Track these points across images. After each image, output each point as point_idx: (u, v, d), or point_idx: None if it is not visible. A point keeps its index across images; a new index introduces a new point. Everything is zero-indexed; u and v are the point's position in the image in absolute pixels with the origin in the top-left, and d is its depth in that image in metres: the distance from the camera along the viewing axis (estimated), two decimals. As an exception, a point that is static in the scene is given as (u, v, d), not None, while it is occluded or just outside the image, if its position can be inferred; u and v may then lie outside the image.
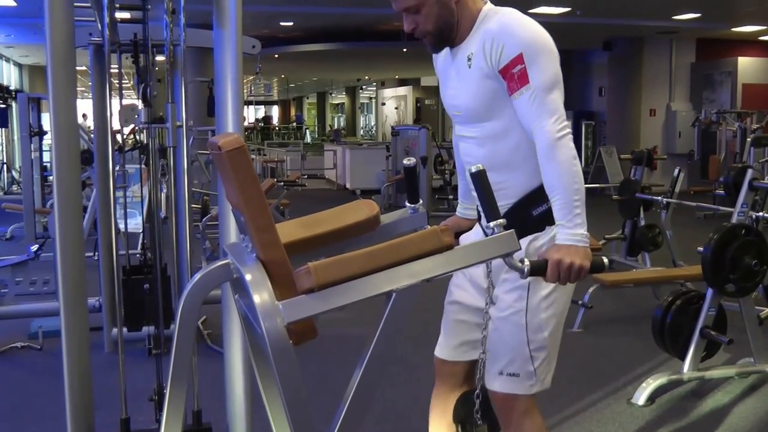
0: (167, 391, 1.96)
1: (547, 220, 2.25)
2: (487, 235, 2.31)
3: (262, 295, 1.73)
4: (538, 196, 2.24)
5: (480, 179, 1.94)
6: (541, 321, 2.29)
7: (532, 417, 2.38)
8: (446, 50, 2.39)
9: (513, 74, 2.13)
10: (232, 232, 2.56)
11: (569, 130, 2.16)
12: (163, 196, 5.96)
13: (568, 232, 2.09)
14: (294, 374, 1.74)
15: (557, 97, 2.16)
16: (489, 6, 2.29)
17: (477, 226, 2.54)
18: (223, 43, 2.60)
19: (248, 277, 1.77)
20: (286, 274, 1.80)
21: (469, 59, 2.24)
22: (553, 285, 2.24)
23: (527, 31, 2.17)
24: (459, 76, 2.30)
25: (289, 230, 2.04)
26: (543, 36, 2.18)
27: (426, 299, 2.01)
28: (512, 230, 1.95)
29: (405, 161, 2.47)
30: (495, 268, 2.29)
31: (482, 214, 2.40)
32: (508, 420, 2.39)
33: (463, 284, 2.51)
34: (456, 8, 2.25)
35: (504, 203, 2.25)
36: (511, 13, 2.22)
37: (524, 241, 2.24)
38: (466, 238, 2.54)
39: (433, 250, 1.86)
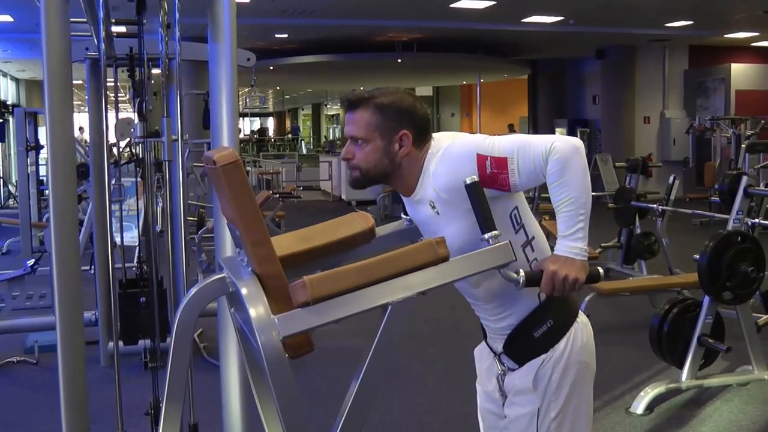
0: (163, 405, 1.95)
1: (550, 340, 2.21)
2: (501, 362, 2.32)
3: (257, 309, 1.73)
4: (538, 316, 2.20)
5: (475, 190, 1.94)
6: None
7: None
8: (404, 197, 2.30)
9: (492, 172, 2.04)
10: (227, 246, 2.56)
11: (580, 144, 2.08)
12: (159, 209, 5.96)
13: (568, 244, 2.07)
14: (290, 387, 1.74)
15: (534, 137, 2.09)
16: (432, 147, 2.18)
17: (486, 351, 2.45)
18: (217, 56, 2.61)
19: (244, 291, 1.77)
20: (282, 287, 1.80)
21: (433, 207, 2.15)
22: (562, 404, 2.23)
23: (462, 141, 2.11)
24: (433, 222, 2.19)
25: (285, 243, 2.04)
26: (471, 135, 2.15)
27: (422, 311, 2.01)
28: (508, 241, 1.95)
29: (400, 173, 2.45)
30: (506, 386, 2.30)
31: (486, 329, 2.39)
32: None
33: (485, 404, 2.48)
34: (402, 161, 2.16)
35: (505, 330, 2.24)
36: (443, 145, 2.15)
37: (531, 366, 2.22)
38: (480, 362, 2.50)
39: (429, 262, 1.86)
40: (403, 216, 2.43)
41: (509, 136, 2.12)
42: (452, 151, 2.11)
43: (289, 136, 38.88)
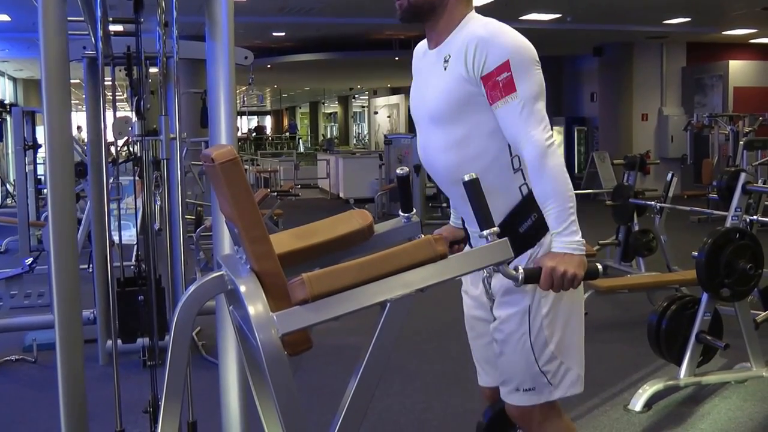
0: (162, 403, 1.95)
1: (536, 234, 2.23)
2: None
3: (256, 307, 1.74)
4: (521, 211, 2.22)
5: (473, 187, 1.95)
6: (545, 337, 2.26)
7: (552, 422, 2.38)
8: (425, 50, 2.35)
9: (497, 82, 2.09)
10: (226, 244, 2.56)
11: (555, 138, 2.14)
12: (157, 207, 5.96)
13: (564, 240, 2.08)
14: (288, 385, 1.74)
15: (543, 106, 2.14)
16: (474, 14, 2.27)
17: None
18: (215, 54, 2.61)
19: (242, 288, 1.78)
20: (281, 285, 1.80)
21: (446, 61, 2.20)
22: (553, 299, 2.23)
23: (514, 40, 2.14)
24: (432, 75, 2.26)
25: (283, 241, 2.05)
26: (529, 45, 2.16)
27: (420, 309, 2.01)
28: (506, 238, 1.95)
29: (398, 170, 2.45)
30: (494, 288, 2.30)
31: (470, 234, 2.40)
32: (529, 430, 2.39)
33: (473, 311, 2.50)
34: (449, 1, 2.23)
35: None
36: (496, 22, 2.20)
37: (520, 261, 2.21)
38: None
39: (427, 260, 1.86)
40: (401, 213, 2.43)
41: (539, 83, 2.15)
42: (500, 32, 2.16)
43: (287, 134, 38.89)
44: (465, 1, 2.26)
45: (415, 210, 2.45)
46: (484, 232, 1.94)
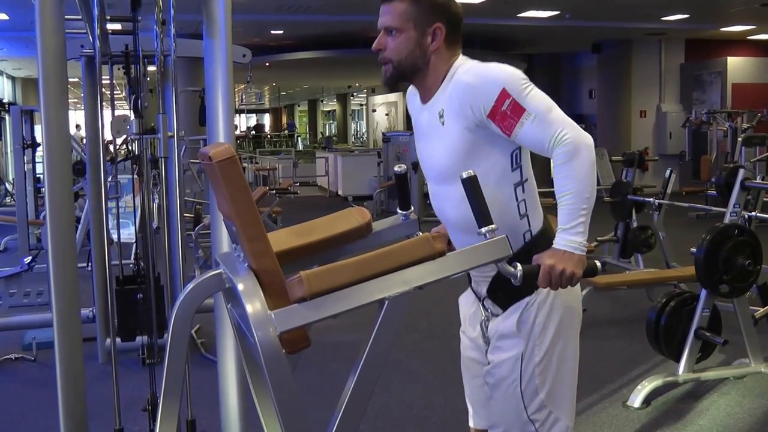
0: (160, 401, 1.95)
1: (534, 282, 2.15)
2: (484, 307, 2.33)
3: (254, 305, 1.73)
4: (522, 258, 2.14)
5: (471, 184, 1.94)
6: (536, 385, 2.24)
7: None
8: (418, 101, 2.32)
9: (505, 112, 2.06)
10: (224, 242, 2.56)
11: (590, 140, 2.09)
12: (155, 206, 5.96)
13: (567, 238, 2.06)
14: (287, 383, 1.74)
15: (559, 111, 2.11)
16: (460, 60, 2.22)
17: (472, 297, 2.47)
18: (213, 52, 2.60)
19: (240, 286, 1.78)
20: (279, 283, 1.80)
21: (441, 116, 2.18)
22: (547, 348, 2.22)
23: (500, 70, 2.11)
24: (432, 133, 2.23)
25: (281, 239, 2.05)
26: (514, 69, 2.13)
27: (420, 306, 2.01)
28: (504, 235, 1.95)
29: (396, 168, 2.46)
30: (490, 331, 2.30)
31: (472, 277, 2.38)
32: None
33: (469, 352, 2.50)
34: (431, 57, 2.19)
35: (489, 270, 2.17)
36: (478, 63, 2.17)
37: (515, 309, 2.22)
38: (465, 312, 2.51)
39: (425, 257, 1.86)
40: (399, 211, 2.43)
41: (542, 94, 2.13)
42: (485, 70, 2.14)
43: (286, 132, 38.86)
44: (448, 53, 2.21)
45: (413, 207, 2.45)
46: (483, 230, 1.93)
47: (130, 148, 4.85)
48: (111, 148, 5.09)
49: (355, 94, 36.44)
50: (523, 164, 2.19)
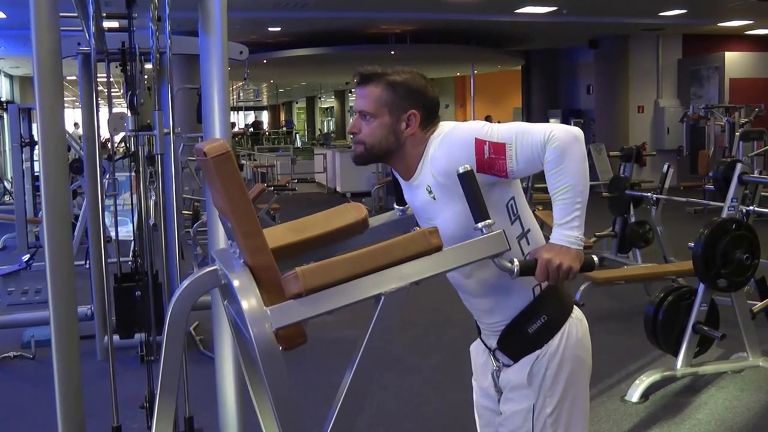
0: (157, 398, 1.95)
1: (544, 335, 2.20)
2: (495, 358, 2.31)
3: (249, 301, 1.73)
4: (531, 311, 2.18)
5: (468, 179, 1.94)
6: None
7: None
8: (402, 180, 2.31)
9: (490, 157, 2.04)
10: (220, 238, 2.55)
11: (579, 133, 2.08)
12: (152, 203, 5.96)
13: (563, 233, 2.05)
14: (283, 379, 1.74)
15: (534, 125, 2.08)
16: (435, 134, 2.18)
17: (482, 347, 2.44)
18: (209, 49, 2.60)
19: (236, 282, 1.77)
20: (274, 279, 1.80)
21: (430, 192, 2.15)
22: (558, 399, 2.22)
23: (464, 128, 2.12)
24: (430, 209, 2.20)
25: (277, 235, 2.04)
26: (473, 121, 2.15)
27: (418, 302, 2.01)
28: (501, 230, 1.95)
29: (392, 164, 2.45)
30: (501, 382, 2.29)
31: (482, 328, 2.37)
32: None
33: (481, 400, 2.48)
34: (405, 141, 2.17)
35: (499, 324, 2.23)
36: (446, 131, 2.15)
37: (526, 362, 2.22)
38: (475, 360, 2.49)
39: (422, 252, 1.86)
40: (395, 206, 2.43)
41: (508, 123, 2.12)
42: (452, 136, 2.13)
43: (284, 129, 38.83)
44: (423, 135, 2.18)
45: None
46: (479, 225, 1.93)
47: (127, 145, 4.85)
48: (108, 145, 5.08)
49: (353, 90, 36.33)
50: (521, 214, 2.17)
